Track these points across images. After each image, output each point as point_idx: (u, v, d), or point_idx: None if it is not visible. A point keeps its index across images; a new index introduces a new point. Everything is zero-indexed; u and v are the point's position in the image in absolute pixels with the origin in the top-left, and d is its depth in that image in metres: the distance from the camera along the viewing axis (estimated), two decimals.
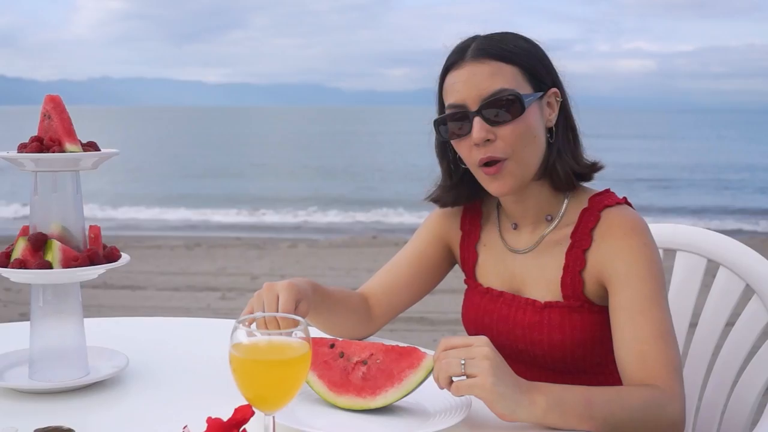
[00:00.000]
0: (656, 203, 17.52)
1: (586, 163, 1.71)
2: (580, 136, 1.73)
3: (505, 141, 1.60)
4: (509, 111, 1.59)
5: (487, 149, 1.61)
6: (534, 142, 1.63)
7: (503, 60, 1.62)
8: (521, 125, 1.60)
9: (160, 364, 1.72)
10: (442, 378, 1.34)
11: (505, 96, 1.59)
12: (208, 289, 7.60)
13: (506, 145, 1.61)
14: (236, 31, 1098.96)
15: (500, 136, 1.60)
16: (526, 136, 1.61)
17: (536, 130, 1.64)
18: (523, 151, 1.62)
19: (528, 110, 1.61)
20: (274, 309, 1.50)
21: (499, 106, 1.59)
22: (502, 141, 1.60)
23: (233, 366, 1.13)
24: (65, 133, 1.57)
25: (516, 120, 1.60)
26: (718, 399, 1.93)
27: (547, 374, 1.69)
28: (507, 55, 1.62)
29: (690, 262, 2.03)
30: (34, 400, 1.52)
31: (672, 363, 1.50)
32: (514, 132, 1.60)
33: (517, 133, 1.60)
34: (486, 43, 1.64)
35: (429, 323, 6.23)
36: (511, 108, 1.59)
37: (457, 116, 1.63)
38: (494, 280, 1.79)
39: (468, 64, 1.63)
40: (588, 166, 1.71)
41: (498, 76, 1.60)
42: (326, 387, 1.46)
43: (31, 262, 1.53)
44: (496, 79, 1.60)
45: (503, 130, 1.60)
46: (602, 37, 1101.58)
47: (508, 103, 1.59)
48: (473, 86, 1.61)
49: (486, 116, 1.60)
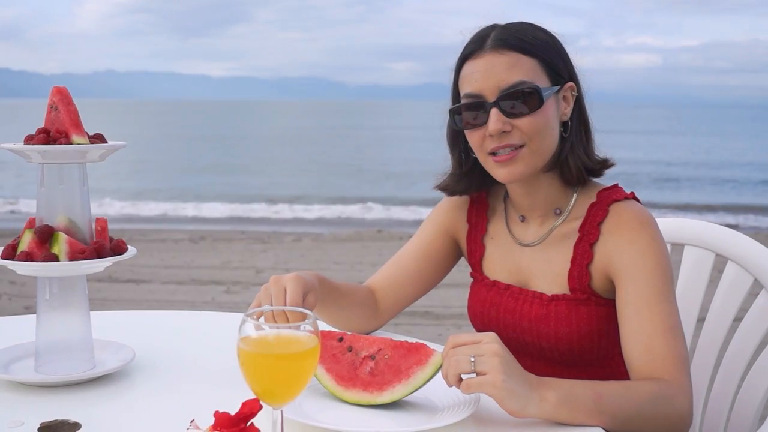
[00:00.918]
0: (660, 199, 17.47)
1: (598, 159, 1.71)
2: (593, 131, 1.72)
3: (522, 131, 1.60)
4: (527, 104, 1.59)
5: (501, 139, 1.61)
6: (549, 135, 1.63)
7: (522, 51, 1.61)
8: (539, 118, 1.60)
9: (166, 358, 1.72)
10: (451, 376, 1.33)
11: (523, 88, 1.59)
12: (212, 282, 7.59)
13: (522, 134, 1.61)
14: (241, 24, 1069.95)
15: (517, 127, 1.60)
16: (542, 129, 1.61)
17: (552, 123, 1.63)
18: (539, 142, 1.62)
19: (546, 103, 1.60)
20: (281, 302, 1.49)
21: (517, 99, 1.59)
22: (518, 131, 1.60)
23: (241, 359, 1.12)
24: (72, 124, 1.56)
25: (533, 113, 1.59)
26: (726, 393, 1.92)
27: (553, 367, 1.69)
28: (526, 47, 1.62)
29: (698, 256, 2.02)
30: (39, 394, 1.51)
31: (679, 357, 1.50)
32: (531, 124, 1.60)
33: (533, 126, 1.60)
34: (505, 33, 1.64)
35: (434, 317, 6.22)
36: (529, 101, 1.59)
37: (474, 106, 1.63)
38: (501, 273, 1.78)
39: (487, 54, 1.62)
40: (599, 162, 1.70)
41: (517, 67, 1.60)
42: (334, 381, 1.46)
43: (38, 254, 1.52)
44: (514, 71, 1.60)
45: (521, 121, 1.60)
46: (607, 31, 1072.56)
47: (526, 95, 1.59)
48: (491, 77, 1.60)
49: (503, 108, 1.59)
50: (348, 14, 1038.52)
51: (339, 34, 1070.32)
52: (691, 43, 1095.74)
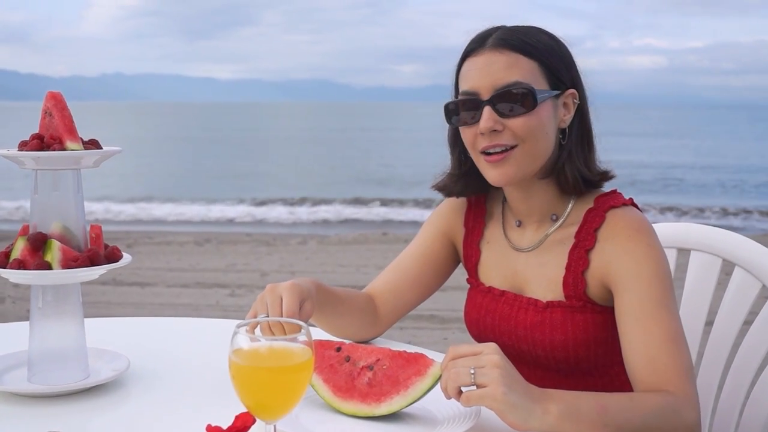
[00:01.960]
0: (665, 201, 17.40)
1: (598, 171, 1.67)
2: (595, 142, 1.69)
3: (515, 132, 1.58)
4: (521, 104, 1.56)
5: (492, 138, 1.59)
6: (544, 138, 1.60)
7: (522, 53, 1.59)
8: (532, 120, 1.57)
9: (162, 367, 1.69)
10: (450, 388, 1.30)
11: (518, 89, 1.56)
12: (217, 285, 7.57)
13: (515, 135, 1.58)
14: (248, 27, 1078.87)
15: (509, 127, 1.58)
16: (535, 131, 1.58)
17: (547, 128, 1.60)
18: (531, 145, 1.59)
19: (540, 106, 1.58)
20: (277, 311, 1.46)
21: (511, 99, 1.56)
22: (510, 132, 1.58)
23: (232, 372, 1.10)
24: (66, 130, 1.54)
25: (526, 114, 1.57)
26: (734, 401, 1.89)
27: (551, 375, 1.66)
28: (527, 49, 1.60)
29: (704, 261, 1.98)
30: (32, 404, 1.48)
31: (683, 367, 1.46)
32: (524, 125, 1.57)
33: (526, 127, 1.57)
34: (508, 34, 1.62)
35: (438, 321, 6.19)
36: (523, 101, 1.56)
37: (468, 104, 1.61)
38: (496, 279, 1.76)
39: (486, 52, 1.60)
40: (599, 174, 1.67)
41: (515, 68, 1.58)
42: (331, 392, 1.43)
43: (30, 262, 1.50)
44: (512, 71, 1.58)
45: (513, 122, 1.57)
46: (612, 33, 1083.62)
47: (520, 96, 1.56)
48: (488, 75, 1.58)
49: (497, 107, 1.57)
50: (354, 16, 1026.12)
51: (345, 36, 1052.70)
52: (696, 44, 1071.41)
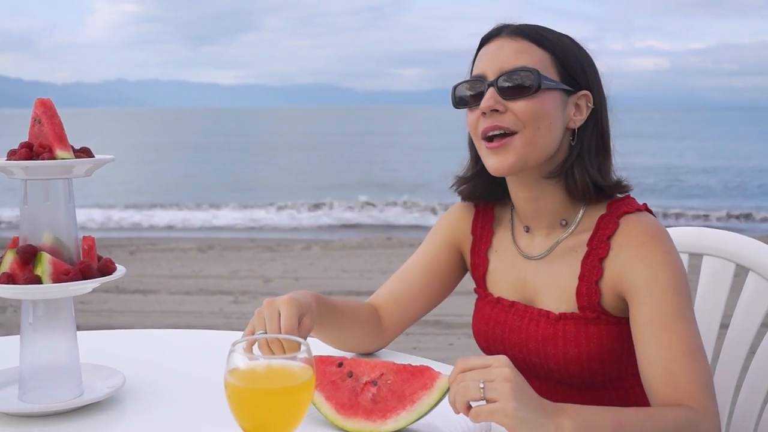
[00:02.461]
0: (669, 204, 17.31)
1: (612, 179, 1.61)
2: (612, 150, 1.64)
3: (516, 115, 1.53)
4: (524, 86, 1.53)
5: (494, 119, 1.54)
6: (546, 129, 1.55)
7: (536, 43, 1.58)
8: (535, 105, 1.53)
9: (159, 383, 1.62)
10: (459, 403, 1.24)
11: (523, 72, 1.53)
12: (220, 292, 7.52)
13: (516, 119, 1.54)
14: (250, 33, 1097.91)
15: (511, 109, 1.54)
16: (537, 118, 1.53)
17: (551, 117, 1.55)
18: (532, 132, 1.54)
19: (545, 93, 1.53)
20: (275, 326, 1.40)
21: (515, 81, 1.53)
22: (512, 114, 1.54)
23: (228, 393, 1.04)
24: (56, 138, 1.48)
25: (530, 97, 1.53)
26: (752, 407, 1.83)
27: (563, 389, 1.60)
28: (542, 40, 1.58)
29: (717, 266, 1.93)
30: (24, 424, 1.43)
31: (702, 380, 1.40)
32: (527, 108, 1.53)
33: (528, 111, 1.53)
34: (525, 25, 1.61)
35: (445, 326, 6.13)
36: (526, 83, 1.53)
37: (474, 85, 1.59)
38: (505, 289, 1.70)
39: (500, 39, 1.60)
40: (613, 183, 1.61)
41: (525, 54, 1.56)
42: (334, 410, 1.37)
43: (20, 276, 1.44)
44: (521, 57, 1.55)
45: (516, 104, 1.53)
46: (615, 35, 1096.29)
47: (524, 78, 1.53)
48: (497, 59, 1.57)
49: (500, 87, 1.54)
50: (356, 21, 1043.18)
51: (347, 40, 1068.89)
52: (698, 45, 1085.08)
